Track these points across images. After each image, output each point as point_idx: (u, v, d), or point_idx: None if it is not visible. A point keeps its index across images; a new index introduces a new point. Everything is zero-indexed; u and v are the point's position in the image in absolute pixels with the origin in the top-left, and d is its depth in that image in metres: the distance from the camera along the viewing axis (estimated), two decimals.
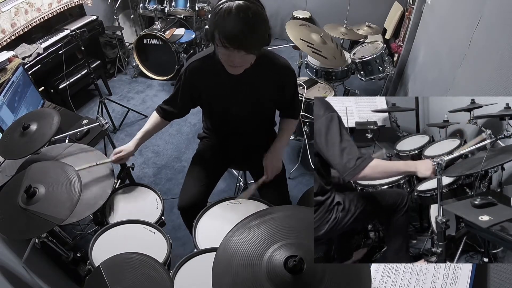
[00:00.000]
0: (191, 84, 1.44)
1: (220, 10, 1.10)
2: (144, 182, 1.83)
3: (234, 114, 1.51)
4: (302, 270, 0.75)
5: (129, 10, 4.10)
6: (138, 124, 3.27)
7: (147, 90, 3.78)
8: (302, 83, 2.48)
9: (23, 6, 2.69)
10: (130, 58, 4.17)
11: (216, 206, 1.49)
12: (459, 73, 1.63)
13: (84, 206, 1.36)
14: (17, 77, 2.06)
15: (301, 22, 2.73)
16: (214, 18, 1.12)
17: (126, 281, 1.06)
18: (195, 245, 1.34)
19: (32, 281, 1.36)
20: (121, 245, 1.27)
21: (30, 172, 1.25)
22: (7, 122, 1.90)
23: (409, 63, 2.92)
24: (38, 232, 1.20)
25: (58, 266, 1.76)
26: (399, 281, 1.01)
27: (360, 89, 3.52)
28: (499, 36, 1.24)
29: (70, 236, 1.88)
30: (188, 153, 2.94)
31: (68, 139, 1.86)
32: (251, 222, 0.88)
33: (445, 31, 2.07)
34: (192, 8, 3.77)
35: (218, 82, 1.40)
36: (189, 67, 1.41)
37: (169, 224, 2.08)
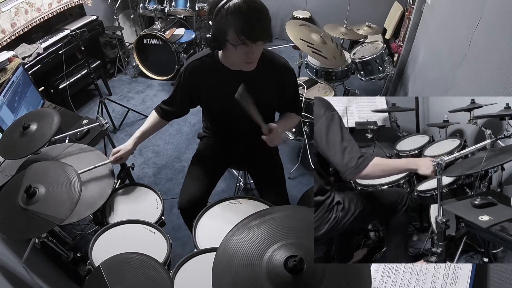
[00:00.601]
0: (191, 83, 1.44)
1: (228, 9, 1.10)
2: (144, 182, 1.83)
3: (234, 114, 1.50)
4: (302, 270, 0.75)
5: (129, 10, 4.11)
6: (138, 124, 3.27)
7: (147, 90, 3.78)
8: (302, 83, 2.48)
9: (23, 6, 2.69)
10: (130, 58, 4.17)
11: (216, 206, 1.49)
12: (459, 73, 1.63)
13: (84, 206, 1.36)
14: (17, 77, 2.06)
15: (301, 22, 2.73)
16: (224, 18, 1.12)
17: (126, 281, 1.06)
18: (195, 245, 1.34)
19: (32, 281, 1.36)
20: (121, 245, 1.27)
21: (30, 172, 1.25)
22: (7, 122, 1.90)
23: (409, 63, 2.92)
24: (38, 232, 1.20)
25: (58, 266, 1.76)
26: (399, 281, 1.01)
27: (360, 89, 3.51)
28: (499, 36, 1.24)
29: (70, 236, 1.88)
30: (188, 153, 2.94)
31: (68, 139, 1.86)
32: (251, 222, 0.88)
33: (445, 31, 2.07)
34: (192, 8, 3.77)
35: (217, 81, 1.40)
36: (188, 67, 1.41)
37: (169, 224, 2.08)
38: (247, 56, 1.22)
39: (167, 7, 3.87)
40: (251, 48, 1.18)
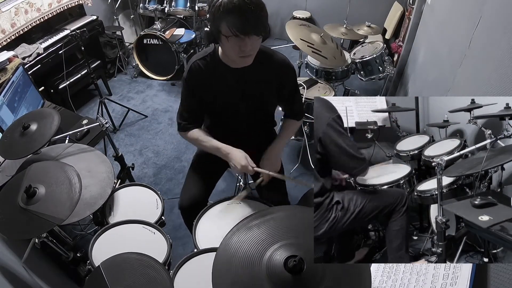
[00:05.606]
0: (194, 85, 1.43)
1: (221, 2, 1.12)
2: (144, 182, 1.83)
3: (235, 111, 1.50)
4: (302, 270, 0.75)
5: (129, 10, 4.11)
6: (138, 124, 3.27)
7: (147, 90, 3.78)
8: (302, 83, 2.48)
9: (23, 6, 2.69)
10: (130, 58, 4.17)
11: (216, 206, 1.49)
12: (459, 73, 1.63)
13: (84, 206, 1.36)
14: (17, 77, 2.06)
15: (301, 22, 2.73)
16: (218, 11, 1.13)
17: (126, 281, 1.06)
18: (195, 245, 1.34)
19: (32, 281, 1.36)
20: (121, 245, 1.27)
21: (30, 172, 1.25)
22: (7, 122, 1.90)
23: (409, 63, 2.92)
24: (38, 232, 1.20)
25: (58, 266, 1.76)
26: (399, 281, 1.01)
27: (360, 89, 3.52)
28: (499, 36, 1.24)
29: (70, 236, 1.88)
30: (188, 153, 2.94)
31: (68, 139, 1.86)
32: (251, 222, 0.88)
33: (445, 31, 2.07)
34: (192, 8, 3.77)
35: (218, 80, 1.40)
36: (189, 70, 1.41)
37: (169, 224, 2.08)
38: (240, 49, 1.21)
39: (167, 7, 3.86)
40: (244, 41, 1.17)
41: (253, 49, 1.24)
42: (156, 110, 3.48)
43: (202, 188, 1.60)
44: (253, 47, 1.23)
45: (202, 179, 1.63)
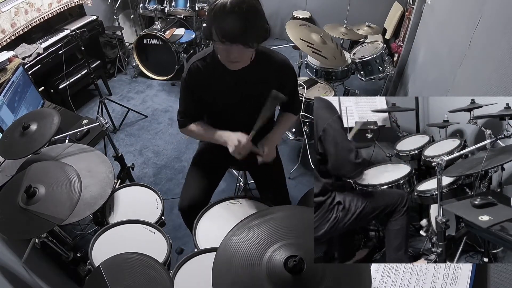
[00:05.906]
0: (193, 85, 1.43)
1: (216, 6, 1.12)
2: (144, 182, 1.83)
3: (234, 112, 1.51)
4: (302, 270, 0.75)
5: (129, 10, 4.11)
6: (138, 124, 3.27)
7: (147, 90, 3.78)
8: (302, 83, 2.48)
9: (23, 6, 2.69)
10: (130, 58, 4.17)
11: (216, 206, 1.49)
12: (459, 73, 1.63)
13: (84, 206, 1.36)
14: (17, 77, 2.06)
15: (301, 22, 2.73)
16: (210, 14, 1.13)
17: (126, 281, 1.06)
18: (195, 245, 1.34)
19: (32, 281, 1.36)
20: (121, 245, 1.27)
21: (30, 172, 1.25)
22: (7, 122, 1.90)
23: (409, 63, 2.92)
24: (38, 232, 1.20)
25: (58, 266, 1.76)
26: (399, 281, 1.01)
27: (360, 89, 3.52)
28: (499, 36, 1.24)
29: (70, 236, 1.88)
30: (188, 153, 2.94)
31: (68, 139, 1.86)
32: (251, 222, 0.88)
33: (445, 31, 2.07)
34: (192, 8, 3.77)
35: (216, 80, 1.40)
36: (188, 71, 1.41)
37: (169, 224, 2.08)
38: (226, 54, 1.21)
39: (167, 7, 3.86)
40: (230, 48, 1.16)
41: (240, 57, 1.23)
42: (156, 110, 3.48)
43: (203, 189, 1.60)
44: (240, 55, 1.21)
45: (202, 179, 1.63)
